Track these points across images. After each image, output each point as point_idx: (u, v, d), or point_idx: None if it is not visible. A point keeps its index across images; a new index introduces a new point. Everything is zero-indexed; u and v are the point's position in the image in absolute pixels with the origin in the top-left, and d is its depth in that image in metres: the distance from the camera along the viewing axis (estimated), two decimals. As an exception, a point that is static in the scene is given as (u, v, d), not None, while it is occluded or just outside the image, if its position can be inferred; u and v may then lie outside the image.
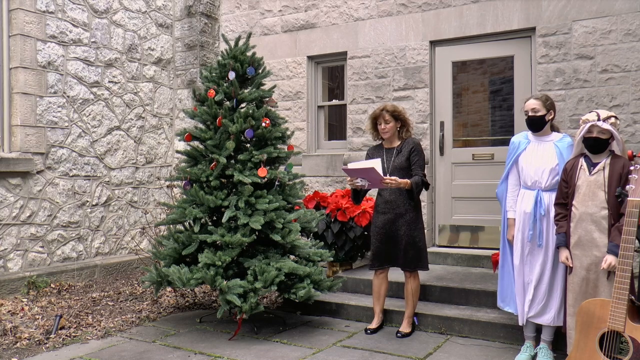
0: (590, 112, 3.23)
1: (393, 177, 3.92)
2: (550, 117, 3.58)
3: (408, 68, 6.01)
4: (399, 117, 4.17)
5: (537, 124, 3.57)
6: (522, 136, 3.72)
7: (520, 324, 3.66)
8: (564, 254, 3.28)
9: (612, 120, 3.12)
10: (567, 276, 3.33)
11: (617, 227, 2.98)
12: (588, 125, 3.15)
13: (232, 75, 4.46)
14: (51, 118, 5.66)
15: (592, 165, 3.21)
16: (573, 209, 3.24)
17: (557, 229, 3.34)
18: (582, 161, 3.25)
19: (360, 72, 6.30)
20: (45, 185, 5.61)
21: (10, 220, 5.32)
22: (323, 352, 3.85)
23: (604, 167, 3.15)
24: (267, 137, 4.43)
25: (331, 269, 5.40)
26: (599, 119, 3.12)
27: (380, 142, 4.35)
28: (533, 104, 3.55)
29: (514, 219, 3.65)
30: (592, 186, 3.16)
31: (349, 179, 4.07)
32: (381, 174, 3.89)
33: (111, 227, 6.32)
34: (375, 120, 4.22)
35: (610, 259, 2.99)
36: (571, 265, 3.24)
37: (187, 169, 4.45)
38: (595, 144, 3.17)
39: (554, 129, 3.68)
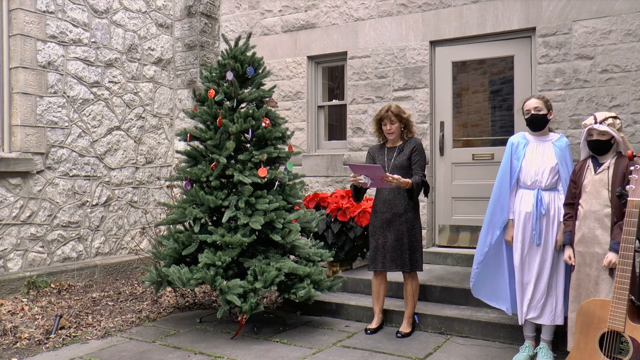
0: (588, 117, 3.32)
1: (396, 176, 3.92)
2: (551, 117, 3.61)
3: (408, 68, 6.01)
4: (402, 118, 4.18)
5: (540, 123, 3.59)
6: (519, 136, 3.72)
7: (520, 323, 3.67)
8: (567, 252, 3.33)
9: (610, 121, 3.19)
10: (570, 273, 3.35)
11: (619, 225, 3.02)
12: (587, 128, 3.26)
13: (230, 75, 4.45)
14: (51, 118, 5.66)
15: (598, 165, 3.29)
16: (579, 207, 3.30)
17: (564, 228, 3.40)
18: (589, 162, 3.34)
19: (360, 72, 6.30)
20: (45, 185, 5.61)
21: (10, 220, 5.32)
22: (323, 352, 3.85)
23: (608, 167, 3.22)
24: (267, 137, 4.43)
25: (331, 269, 5.40)
26: (595, 122, 3.21)
27: (382, 141, 4.35)
28: (535, 102, 3.59)
29: (513, 220, 3.65)
30: (596, 185, 3.22)
31: (351, 175, 4.07)
32: (385, 172, 3.92)
33: (111, 227, 6.32)
34: (380, 121, 4.23)
35: (611, 257, 3.03)
36: (573, 264, 3.26)
37: (187, 169, 4.45)
38: (597, 146, 3.25)
39: (549, 129, 3.71)
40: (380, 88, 6.18)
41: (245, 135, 4.43)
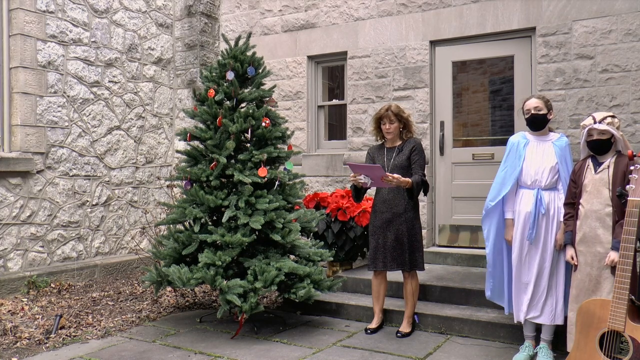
0: (587, 118, 3.33)
1: (396, 175, 3.92)
2: (551, 117, 3.62)
3: (408, 68, 6.01)
4: (402, 118, 4.18)
5: (540, 122, 3.60)
6: (519, 136, 3.73)
7: (515, 321, 3.67)
8: (569, 252, 3.33)
9: (608, 120, 3.21)
10: (572, 273, 3.36)
11: (620, 223, 3.01)
12: (586, 129, 3.27)
13: (230, 75, 4.46)
14: (51, 118, 5.66)
15: (598, 165, 3.30)
16: (580, 207, 3.31)
17: (565, 228, 3.40)
18: (589, 162, 3.35)
19: (361, 72, 6.30)
20: (45, 185, 5.61)
21: (11, 220, 5.32)
22: (323, 352, 3.85)
23: (608, 166, 3.23)
24: (267, 137, 4.43)
25: (331, 269, 5.40)
26: (594, 122, 3.23)
27: (382, 141, 4.36)
28: (536, 102, 3.60)
29: (513, 219, 3.66)
30: (597, 184, 3.23)
31: (351, 175, 4.07)
32: (385, 172, 3.92)
33: (111, 226, 6.32)
34: (379, 120, 4.23)
35: (613, 255, 3.04)
36: (576, 264, 3.27)
37: (187, 169, 4.45)
38: (597, 146, 3.26)
39: (549, 129, 3.72)
40: (380, 88, 6.18)
41: (245, 135, 4.43)
